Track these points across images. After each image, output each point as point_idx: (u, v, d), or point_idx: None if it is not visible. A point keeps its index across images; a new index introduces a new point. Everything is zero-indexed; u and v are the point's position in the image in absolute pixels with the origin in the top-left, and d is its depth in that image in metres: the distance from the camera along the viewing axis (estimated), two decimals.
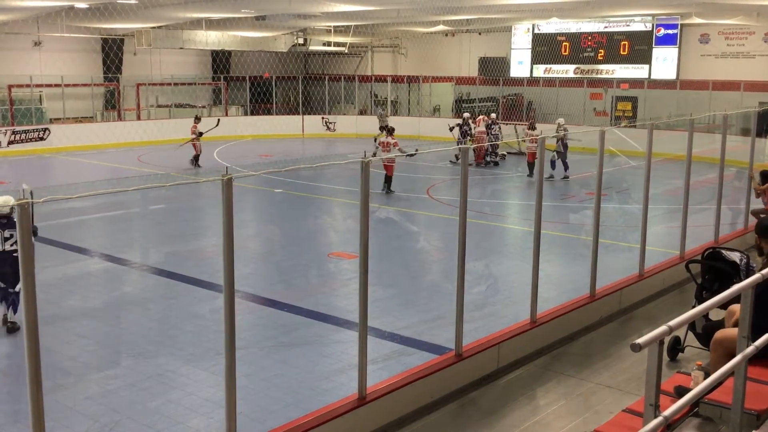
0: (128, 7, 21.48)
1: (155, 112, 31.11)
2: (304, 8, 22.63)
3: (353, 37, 31.16)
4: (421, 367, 7.05)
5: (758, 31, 26.71)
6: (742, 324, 4.45)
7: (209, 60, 34.11)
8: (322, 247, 13.29)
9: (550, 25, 31.00)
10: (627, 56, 29.84)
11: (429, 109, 33.31)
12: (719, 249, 8.29)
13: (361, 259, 6.12)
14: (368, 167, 5.94)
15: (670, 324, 3.72)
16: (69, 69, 27.60)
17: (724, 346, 5.51)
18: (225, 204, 5.05)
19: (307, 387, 7.31)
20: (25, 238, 4.08)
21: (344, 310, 9.37)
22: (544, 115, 30.28)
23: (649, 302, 9.92)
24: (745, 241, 12.48)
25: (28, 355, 4.16)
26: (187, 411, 6.80)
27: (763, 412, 4.87)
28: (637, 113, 28.89)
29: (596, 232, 9.05)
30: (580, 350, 8.32)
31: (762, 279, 4.67)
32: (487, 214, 16.21)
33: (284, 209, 17.15)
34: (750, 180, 13.17)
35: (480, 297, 10.02)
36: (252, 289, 10.32)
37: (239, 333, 5.57)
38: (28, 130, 25.66)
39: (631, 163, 20.58)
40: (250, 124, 30.51)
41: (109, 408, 6.80)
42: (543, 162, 8.10)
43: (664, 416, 3.55)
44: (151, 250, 13.36)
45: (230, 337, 5.24)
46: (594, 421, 6.38)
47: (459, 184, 7.09)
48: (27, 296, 4.12)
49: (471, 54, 33.31)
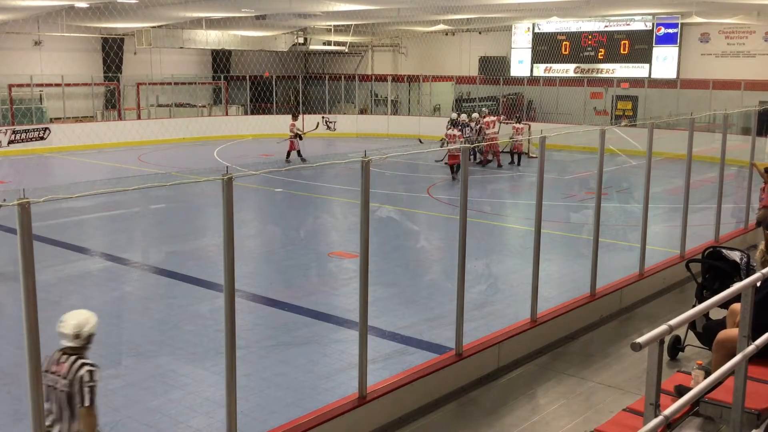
0: (128, 6, 21.47)
1: (155, 111, 31.10)
2: (305, 8, 22.62)
3: (353, 37, 31.14)
4: (422, 367, 7.05)
5: (758, 30, 26.69)
6: (743, 323, 4.45)
7: (209, 59, 34.10)
8: (323, 247, 13.29)
9: (550, 25, 30.99)
10: (627, 55, 29.83)
11: (429, 108, 33.29)
12: (720, 248, 8.30)
13: (361, 258, 6.12)
14: (369, 167, 5.94)
15: (671, 323, 3.72)
16: (69, 68, 27.60)
17: (727, 347, 5.49)
18: (225, 203, 5.05)
19: (308, 386, 7.31)
20: (25, 238, 4.08)
21: (345, 310, 9.37)
22: (545, 115, 30.28)
23: (649, 301, 9.92)
24: (745, 240, 12.49)
25: (28, 355, 4.16)
26: (187, 410, 6.80)
27: (763, 412, 4.87)
28: (637, 112, 28.87)
29: (596, 232, 9.05)
30: (581, 349, 8.32)
31: (763, 278, 4.68)
32: (488, 213, 16.21)
33: (284, 209, 17.15)
34: (752, 167, 13.09)
35: (480, 296, 10.02)
36: (252, 289, 10.32)
37: (239, 332, 5.57)
38: (29, 129, 25.66)
39: (631, 163, 20.58)
40: (250, 124, 30.51)
41: (110, 407, 6.80)
42: (543, 162, 8.09)
43: (665, 415, 3.55)
44: (152, 250, 13.36)
45: (231, 336, 5.25)
46: (594, 420, 6.38)
47: (459, 184, 7.09)
48: (27, 296, 4.12)
49: (471, 53, 33.30)
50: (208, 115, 32.01)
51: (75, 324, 4.61)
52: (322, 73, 36.30)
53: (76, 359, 4.57)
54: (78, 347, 4.60)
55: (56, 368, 4.59)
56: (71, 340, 4.59)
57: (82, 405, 4.52)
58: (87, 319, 4.66)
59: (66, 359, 4.58)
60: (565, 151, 23.27)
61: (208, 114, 32.26)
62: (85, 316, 4.67)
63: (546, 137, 7.97)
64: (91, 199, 14.90)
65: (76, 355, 4.59)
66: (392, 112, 33.61)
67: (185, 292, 10.35)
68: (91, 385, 4.52)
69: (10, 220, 4.09)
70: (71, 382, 4.53)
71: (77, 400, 4.53)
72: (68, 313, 4.68)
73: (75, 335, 4.59)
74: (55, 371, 4.58)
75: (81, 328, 4.62)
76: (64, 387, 4.55)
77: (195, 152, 25.93)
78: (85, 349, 4.64)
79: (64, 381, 4.55)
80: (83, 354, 4.63)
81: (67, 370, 4.54)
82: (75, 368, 4.53)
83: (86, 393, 4.52)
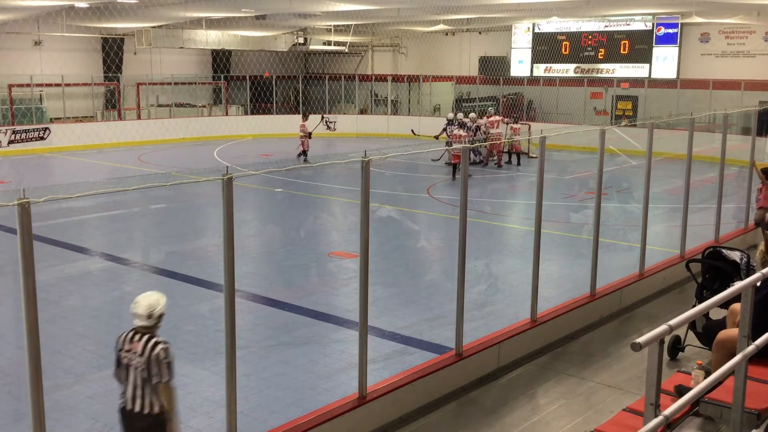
0: (128, 6, 21.47)
1: (155, 111, 31.11)
2: (305, 8, 22.62)
3: (353, 37, 31.14)
4: (422, 367, 7.05)
5: (758, 30, 26.70)
6: (743, 323, 4.45)
7: (209, 59, 34.11)
8: (323, 247, 13.29)
9: (550, 25, 31.00)
10: (627, 55, 29.83)
11: (429, 108, 33.30)
12: (720, 248, 8.30)
13: (361, 258, 6.12)
14: (368, 167, 5.94)
15: (671, 323, 3.71)
16: (69, 68, 27.61)
17: (727, 347, 5.49)
18: (225, 203, 5.05)
19: (308, 386, 7.31)
20: (25, 238, 4.08)
21: (345, 310, 9.37)
22: (545, 115, 30.29)
23: (649, 301, 9.92)
24: (745, 240, 12.49)
25: (28, 355, 4.16)
26: (187, 410, 6.80)
27: (763, 412, 4.87)
28: (637, 112, 28.88)
29: (597, 232, 9.05)
30: (581, 349, 8.32)
31: (763, 278, 4.68)
32: (488, 213, 16.21)
33: (284, 209, 17.16)
34: (752, 166, 13.08)
35: (480, 296, 10.02)
36: (252, 289, 10.32)
37: (239, 332, 5.57)
38: (29, 129, 25.67)
39: (631, 163, 20.58)
40: (250, 124, 30.51)
41: (110, 407, 6.78)
42: (543, 162, 8.08)
43: (665, 415, 3.55)
44: (152, 250, 13.36)
45: (231, 336, 5.25)
46: (594, 420, 6.38)
47: (459, 184, 7.09)
48: (27, 296, 4.12)
49: (471, 53, 33.31)
50: (208, 115, 32.01)
51: (147, 305, 4.89)
52: (322, 73, 36.31)
53: (150, 338, 4.86)
54: (150, 326, 4.88)
55: (130, 346, 4.88)
56: (144, 320, 4.87)
57: (160, 381, 4.83)
58: (158, 300, 4.94)
59: (140, 338, 4.86)
60: (565, 151, 23.28)
61: (208, 114, 32.26)
62: (155, 298, 4.95)
63: (546, 137, 7.96)
64: (91, 199, 14.90)
65: (148, 334, 4.87)
66: (392, 112, 33.61)
67: (185, 292, 10.35)
68: (168, 361, 4.84)
69: (10, 220, 4.09)
70: (148, 359, 4.81)
71: (155, 376, 4.81)
72: (141, 295, 4.97)
73: (148, 315, 4.87)
74: (129, 349, 4.88)
75: (153, 308, 4.90)
76: (141, 364, 4.84)
77: (195, 152, 25.93)
78: (156, 328, 4.92)
79: (140, 359, 4.84)
80: (155, 333, 4.91)
81: (142, 348, 4.82)
82: (150, 347, 4.81)
83: (164, 369, 4.82)
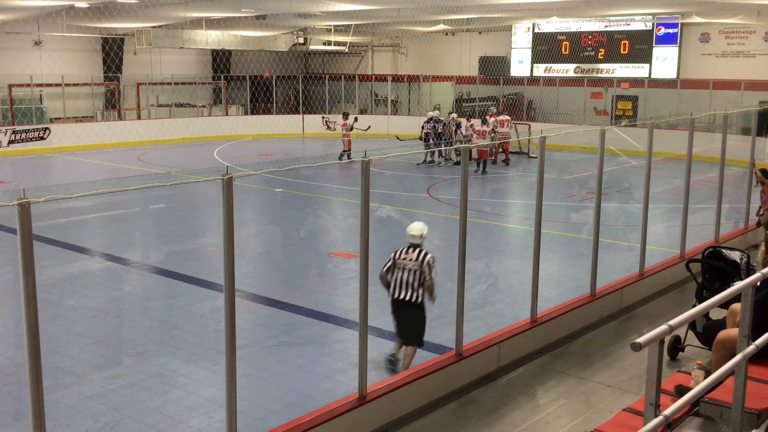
0: (128, 6, 21.47)
1: (155, 111, 31.11)
2: (305, 8, 22.62)
3: (353, 37, 31.14)
4: (422, 367, 7.05)
5: (758, 30, 26.70)
6: (743, 323, 4.45)
7: (209, 59, 34.10)
8: (323, 247, 13.29)
9: (550, 25, 30.99)
10: (627, 55, 29.83)
11: (429, 108, 33.24)
12: (720, 248, 8.30)
13: (361, 258, 6.12)
14: (368, 166, 5.94)
15: (671, 323, 3.72)
16: (69, 68, 27.60)
17: (727, 347, 5.49)
18: (225, 203, 5.05)
19: (308, 386, 7.32)
20: (25, 238, 4.08)
21: (345, 310, 9.37)
22: (545, 115, 30.29)
23: (649, 301, 9.92)
24: (745, 240, 12.49)
25: (28, 355, 4.16)
26: (187, 410, 6.80)
27: (763, 412, 4.87)
28: (637, 112, 28.88)
29: (597, 232, 9.04)
30: (581, 349, 8.32)
31: (763, 278, 4.67)
32: (488, 213, 16.21)
33: (284, 209, 17.15)
34: (752, 167, 13.08)
35: (480, 296, 10.02)
36: (252, 289, 10.33)
37: (240, 332, 5.57)
38: (29, 129, 25.67)
39: (631, 163, 20.59)
40: (250, 124, 30.51)
41: (110, 407, 6.81)
42: (543, 162, 8.08)
43: (665, 415, 3.55)
44: (152, 250, 13.37)
45: (231, 336, 5.25)
46: (594, 420, 6.38)
47: (459, 184, 7.09)
48: (27, 296, 4.12)
49: (471, 53, 33.30)
50: (208, 115, 32.01)
51: (419, 228, 7.45)
52: (322, 73, 36.30)
53: (421, 250, 7.35)
54: (419, 244, 7.40)
55: (406, 256, 7.36)
56: (417, 240, 7.41)
57: (429, 278, 7.29)
58: (423, 226, 7.51)
59: (413, 251, 7.36)
60: (565, 151, 23.26)
61: (208, 114, 32.25)
62: (422, 225, 7.51)
63: (546, 137, 7.96)
64: (91, 199, 14.90)
65: (419, 248, 7.37)
66: (392, 112, 33.60)
67: (185, 292, 10.35)
68: (434, 265, 7.30)
69: (10, 220, 4.09)
70: (420, 264, 7.27)
71: (426, 275, 7.27)
72: (413, 223, 7.52)
73: (420, 236, 7.42)
74: (405, 258, 7.35)
75: (422, 231, 7.46)
76: (415, 267, 7.28)
77: (195, 152, 25.94)
78: (421, 245, 7.41)
79: (414, 263, 7.29)
80: (422, 247, 7.41)
81: (416, 257, 7.30)
82: (422, 256, 7.30)
83: (432, 270, 7.31)
